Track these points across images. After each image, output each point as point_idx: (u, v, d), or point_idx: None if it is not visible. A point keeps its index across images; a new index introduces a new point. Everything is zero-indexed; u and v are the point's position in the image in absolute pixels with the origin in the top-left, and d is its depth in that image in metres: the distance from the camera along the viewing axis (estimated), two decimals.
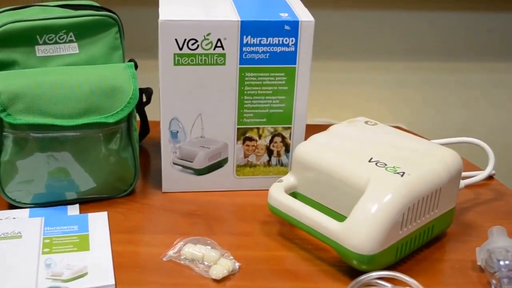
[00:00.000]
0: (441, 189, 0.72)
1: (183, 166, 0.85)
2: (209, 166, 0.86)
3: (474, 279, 0.71)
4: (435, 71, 1.32)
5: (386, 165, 0.71)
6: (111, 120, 0.77)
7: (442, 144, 0.86)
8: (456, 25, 1.28)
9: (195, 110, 0.82)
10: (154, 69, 0.86)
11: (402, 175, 0.69)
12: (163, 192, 0.87)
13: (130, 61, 0.85)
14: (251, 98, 0.82)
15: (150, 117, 0.99)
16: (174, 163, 0.85)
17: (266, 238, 0.77)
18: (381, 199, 0.66)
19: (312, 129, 0.85)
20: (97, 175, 0.81)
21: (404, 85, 1.33)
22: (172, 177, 0.86)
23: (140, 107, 0.95)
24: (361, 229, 0.65)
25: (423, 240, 0.74)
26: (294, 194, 0.78)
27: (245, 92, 0.82)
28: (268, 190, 0.77)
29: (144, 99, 0.93)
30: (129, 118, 0.81)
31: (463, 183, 0.83)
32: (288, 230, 0.79)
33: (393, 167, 0.70)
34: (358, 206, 0.67)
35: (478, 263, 0.72)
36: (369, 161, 0.72)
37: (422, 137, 0.82)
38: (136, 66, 0.86)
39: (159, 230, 0.78)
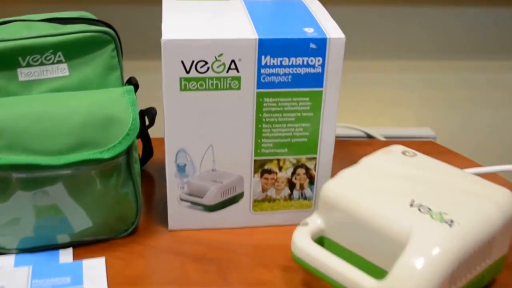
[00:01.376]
0: (495, 237, 0.62)
1: (192, 202, 0.76)
2: (222, 202, 0.76)
3: None
4: (462, 70, 1.23)
5: (430, 210, 0.61)
6: (106, 156, 0.68)
7: (489, 173, 0.76)
8: (487, 21, 1.19)
9: (205, 140, 0.72)
10: (159, 81, 0.76)
11: (450, 225, 0.59)
12: (170, 230, 0.78)
13: (129, 81, 0.76)
14: (270, 126, 0.73)
15: (154, 134, 0.90)
16: (182, 199, 0.76)
17: None
18: (428, 255, 0.57)
19: None
20: (93, 213, 0.72)
21: (428, 86, 1.24)
22: (180, 214, 0.77)
23: (143, 130, 0.86)
24: None
25: None
26: (321, 239, 0.68)
27: (264, 120, 0.72)
28: (289, 225, 0.73)
29: (147, 122, 0.83)
30: (128, 150, 0.72)
31: None
32: (314, 279, 0.70)
33: (439, 214, 0.61)
34: (401, 262, 0.58)
35: None
36: (411, 205, 0.62)
37: (468, 163, 0.72)
38: (136, 87, 0.76)
39: (165, 280, 0.69)
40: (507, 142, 0.87)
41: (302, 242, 0.66)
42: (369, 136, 1.36)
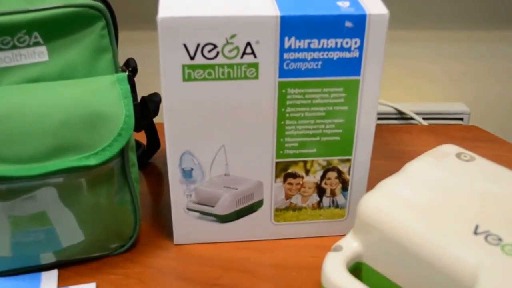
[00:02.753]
0: None
1: (202, 212, 0.64)
2: (237, 211, 0.64)
3: None
4: (497, 40, 1.12)
5: (501, 240, 0.49)
6: (94, 162, 0.56)
7: None
8: None
9: (216, 140, 0.60)
10: None
11: None
12: (175, 245, 0.66)
13: (126, 64, 0.63)
14: (295, 122, 0.60)
15: (158, 119, 0.78)
16: (189, 209, 0.64)
17: None
18: None
19: None
20: (86, 224, 0.60)
21: (464, 57, 1.13)
22: (187, 226, 0.65)
23: (146, 121, 0.73)
24: None
25: None
26: (358, 265, 0.56)
27: (287, 115, 0.59)
28: (318, 237, 0.64)
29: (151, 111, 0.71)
30: (123, 153, 0.60)
31: None
32: None
33: None
34: None
35: None
36: (475, 232, 0.49)
37: None
38: (135, 72, 0.63)
39: None
40: None
41: (335, 274, 0.54)
42: (399, 112, 1.24)
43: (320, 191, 0.66)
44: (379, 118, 1.26)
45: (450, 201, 0.54)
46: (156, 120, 1.05)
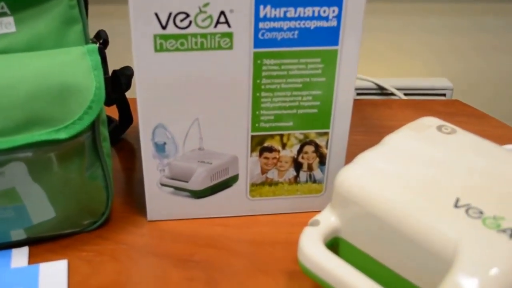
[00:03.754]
0: None
1: (176, 188, 0.64)
2: (212, 187, 0.64)
3: None
4: (486, 14, 1.12)
5: (482, 213, 0.49)
6: (64, 136, 0.55)
7: None
8: None
9: (189, 113, 0.59)
10: None
11: (511, 235, 0.47)
12: (149, 221, 0.66)
13: (97, 36, 0.62)
14: (271, 94, 0.60)
15: (134, 94, 0.77)
16: (163, 184, 0.63)
17: None
18: (482, 278, 0.45)
19: None
20: (57, 200, 0.59)
21: (447, 31, 1.13)
22: (161, 202, 0.65)
23: (118, 95, 0.73)
24: None
25: None
26: (336, 240, 0.56)
27: (263, 87, 0.59)
28: (294, 213, 0.65)
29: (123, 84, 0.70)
30: (93, 126, 0.59)
31: None
32: None
33: (494, 219, 0.48)
34: (447, 286, 0.45)
35: None
36: (456, 205, 0.49)
37: None
38: (105, 44, 0.63)
39: None
40: None
41: (312, 248, 0.54)
42: (380, 88, 1.24)
43: (297, 166, 0.66)
44: (359, 94, 1.26)
45: (430, 174, 0.54)
46: (128, 95, 1.04)
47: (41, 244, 0.63)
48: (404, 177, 0.53)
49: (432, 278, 0.48)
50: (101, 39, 0.64)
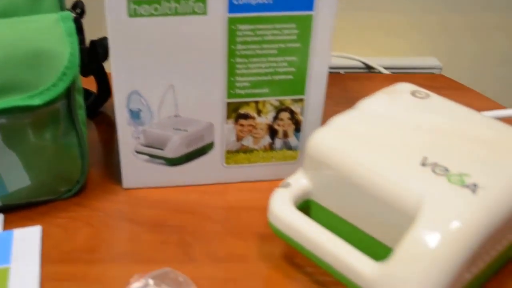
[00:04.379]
0: None
1: (151, 155, 0.65)
2: (187, 154, 0.65)
3: None
4: None
5: (447, 171, 0.50)
6: (38, 102, 0.56)
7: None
8: None
9: (164, 80, 0.60)
10: None
11: (473, 190, 0.48)
12: (125, 189, 0.67)
13: (74, 6, 0.63)
14: (246, 60, 0.61)
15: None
16: (138, 152, 0.64)
17: (265, 265, 0.58)
18: (444, 230, 0.47)
19: None
20: (32, 168, 0.60)
21: (437, 9, 1.14)
22: (136, 170, 0.66)
23: (96, 65, 0.73)
24: (407, 279, 0.47)
25: (493, 270, 0.55)
26: (307, 203, 0.58)
27: (238, 53, 0.60)
28: (270, 181, 0.65)
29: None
30: (68, 93, 0.60)
31: None
32: (299, 254, 0.59)
33: (459, 175, 0.50)
34: (409, 240, 0.47)
35: None
36: (423, 164, 0.51)
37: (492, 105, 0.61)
38: (82, 14, 0.63)
39: (113, 257, 0.59)
40: None
41: (282, 209, 0.55)
42: (369, 67, 1.25)
43: (272, 133, 0.67)
44: (347, 73, 1.27)
45: (401, 135, 0.56)
46: (108, 68, 1.05)
47: (17, 211, 0.64)
48: (375, 139, 0.55)
49: (399, 235, 0.49)
50: (78, 8, 0.64)
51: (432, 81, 0.95)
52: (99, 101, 0.80)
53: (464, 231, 0.47)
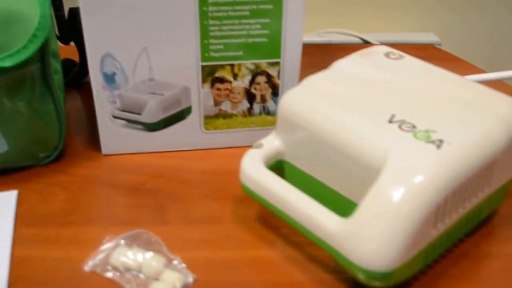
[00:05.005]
0: (497, 160, 0.51)
1: (128, 120, 0.65)
2: (165, 119, 0.66)
3: None
4: None
5: (414, 127, 0.50)
6: (9, 63, 0.57)
7: (495, 81, 0.65)
8: None
9: (137, 42, 0.61)
10: None
11: (439, 146, 0.48)
12: (104, 155, 0.68)
13: None
14: (219, 22, 0.61)
15: None
16: (115, 117, 0.65)
17: (239, 227, 0.59)
18: (407, 184, 0.47)
19: (305, 52, 0.63)
20: (9, 134, 0.61)
21: None
22: (114, 135, 0.66)
23: (76, 33, 0.74)
24: (372, 233, 0.47)
25: (465, 230, 0.55)
26: (281, 164, 0.58)
27: (210, 15, 0.61)
28: (250, 146, 0.63)
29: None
30: (42, 57, 0.61)
31: None
32: (273, 216, 0.59)
33: (426, 132, 0.50)
34: (372, 194, 0.47)
35: None
36: (390, 120, 0.51)
37: (471, 69, 0.61)
38: None
39: (88, 220, 0.60)
40: None
41: (252, 168, 0.56)
42: (365, 42, 1.24)
43: (250, 97, 0.67)
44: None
45: (371, 94, 0.56)
46: None
47: None
48: (345, 98, 0.55)
49: (363, 191, 0.49)
50: None
51: (422, 51, 0.95)
52: (82, 71, 0.81)
53: (426, 185, 0.47)
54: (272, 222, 0.60)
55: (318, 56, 0.90)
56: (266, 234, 0.58)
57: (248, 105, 0.67)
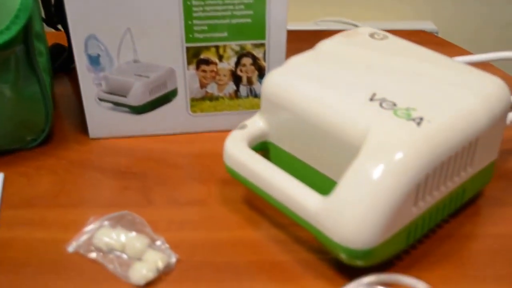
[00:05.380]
0: (479, 138, 0.51)
1: (115, 103, 0.65)
2: (151, 102, 0.66)
3: None
4: None
5: (395, 105, 0.50)
6: None
7: (482, 63, 0.64)
8: None
9: (120, 23, 0.61)
10: None
11: (419, 123, 0.48)
12: (92, 139, 0.68)
13: None
14: (202, 3, 0.61)
15: None
16: (101, 99, 0.65)
17: (224, 208, 0.59)
18: (386, 161, 0.46)
19: (300, 38, 0.62)
20: None
21: None
22: (101, 118, 0.66)
23: (64, 16, 0.74)
24: (352, 211, 0.46)
25: (449, 211, 0.55)
26: (266, 145, 0.58)
27: None
28: None
29: None
30: (25, 38, 0.61)
31: (509, 117, 0.62)
32: (257, 197, 0.59)
33: (406, 109, 0.49)
34: (352, 172, 0.47)
35: None
36: (371, 99, 0.51)
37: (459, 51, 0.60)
38: None
39: (73, 202, 0.60)
40: None
41: (235, 149, 0.56)
42: None
43: (236, 79, 0.67)
44: None
45: (354, 74, 0.55)
46: None
47: None
48: (328, 78, 0.55)
49: (343, 169, 0.49)
50: None
51: (413, 36, 0.94)
52: (71, 56, 0.80)
53: (406, 162, 0.47)
54: (258, 204, 0.60)
55: (315, 43, 0.89)
56: (251, 216, 0.58)
57: (235, 88, 0.67)
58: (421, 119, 0.49)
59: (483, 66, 0.82)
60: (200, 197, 0.61)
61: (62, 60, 0.81)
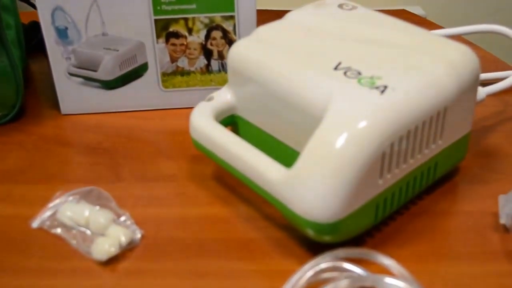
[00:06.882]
0: (447, 108, 0.49)
1: (85, 78, 0.63)
2: (122, 76, 0.64)
3: (495, 245, 0.50)
4: None
5: (360, 74, 0.48)
6: None
7: (453, 36, 0.63)
8: None
9: None
10: None
11: (383, 91, 0.46)
12: (64, 115, 0.66)
13: None
14: None
15: None
16: (71, 74, 0.63)
17: (193, 185, 0.57)
18: (349, 129, 0.44)
19: (279, 17, 0.60)
20: None
21: None
22: (72, 94, 0.65)
23: None
24: (314, 181, 0.44)
25: (421, 186, 0.53)
26: (234, 119, 0.56)
27: None
28: None
29: None
30: None
31: (483, 91, 0.60)
32: (227, 173, 0.58)
33: (371, 78, 0.48)
34: (314, 141, 0.45)
35: (502, 222, 0.50)
36: (336, 68, 0.49)
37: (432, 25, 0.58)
38: None
39: (41, 177, 0.58)
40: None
41: (200, 121, 0.54)
42: None
43: (207, 53, 0.65)
44: None
45: (320, 44, 0.53)
46: None
47: None
48: (293, 48, 0.53)
49: (307, 140, 0.47)
50: None
51: (394, 14, 0.92)
52: None
53: (369, 130, 0.45)
54: (229, 181, 0.58)
55: None
56: (221, 192, 0.56)
57: (206, 62, 0.65)
58: (385, 87, 0.47)
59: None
60: (169, 173, 0.59)
61: (40, 39, 0.78)
